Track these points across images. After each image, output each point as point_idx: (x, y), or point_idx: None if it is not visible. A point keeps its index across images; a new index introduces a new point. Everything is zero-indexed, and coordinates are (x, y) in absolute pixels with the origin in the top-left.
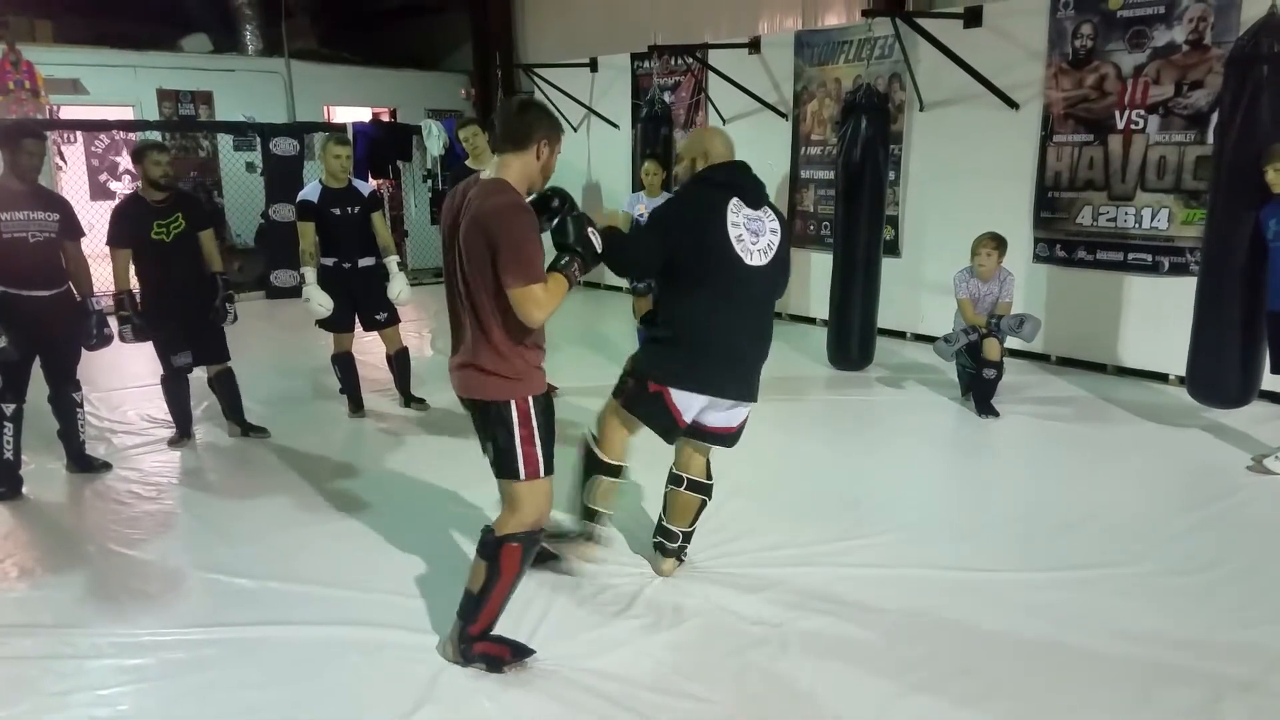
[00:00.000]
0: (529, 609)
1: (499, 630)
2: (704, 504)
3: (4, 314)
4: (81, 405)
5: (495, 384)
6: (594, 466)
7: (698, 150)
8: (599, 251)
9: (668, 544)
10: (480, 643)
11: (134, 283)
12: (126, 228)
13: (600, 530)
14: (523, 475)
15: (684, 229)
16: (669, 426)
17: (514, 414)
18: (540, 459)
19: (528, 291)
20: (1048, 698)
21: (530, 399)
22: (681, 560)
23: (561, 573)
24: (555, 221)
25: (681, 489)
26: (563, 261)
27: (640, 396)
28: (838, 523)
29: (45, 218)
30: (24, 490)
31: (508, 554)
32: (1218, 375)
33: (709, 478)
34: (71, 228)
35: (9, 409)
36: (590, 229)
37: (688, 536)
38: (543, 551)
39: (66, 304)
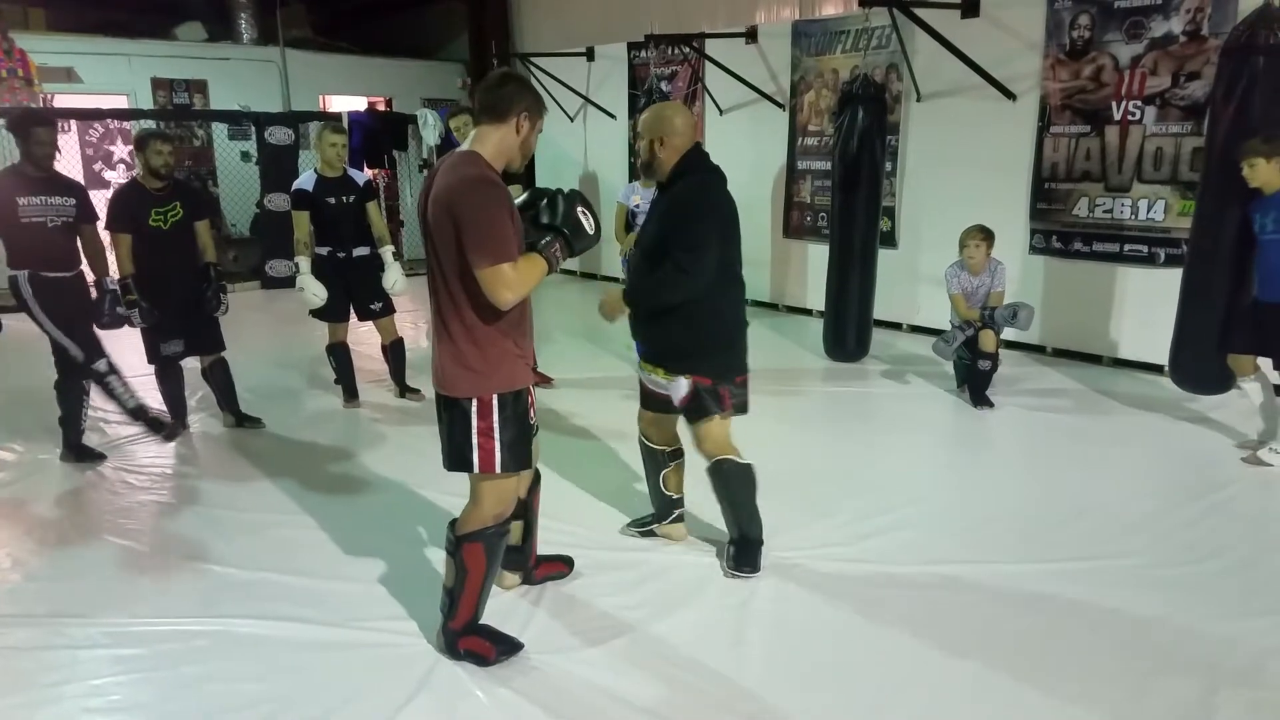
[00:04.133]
0: (520, 602)
1: (489, 621)
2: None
3: (39, 292)
4: (88, 393)
5: (462, 378)
6: (747, 475)
7: (674, 130)
8: (591, 233)
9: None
10: (466, 638)
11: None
12: (126, 213)
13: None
14: (476, 468)
15: (734, 222)
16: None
17: (474, 407)
18: (498, 453)
19: (496, 272)
20: (1045, 689)
21: (496, 397)
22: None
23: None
24: (543, 200)
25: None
26: (543, 241)
27: (741, 394)
28: (833, 513)
29: (63, 202)
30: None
31: (469, 552)
32: (1201, 361)
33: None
34: (88, 211)
35: (103, 365)
36: (581, 209)
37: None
38: (551, 567)
39: (80, 287)
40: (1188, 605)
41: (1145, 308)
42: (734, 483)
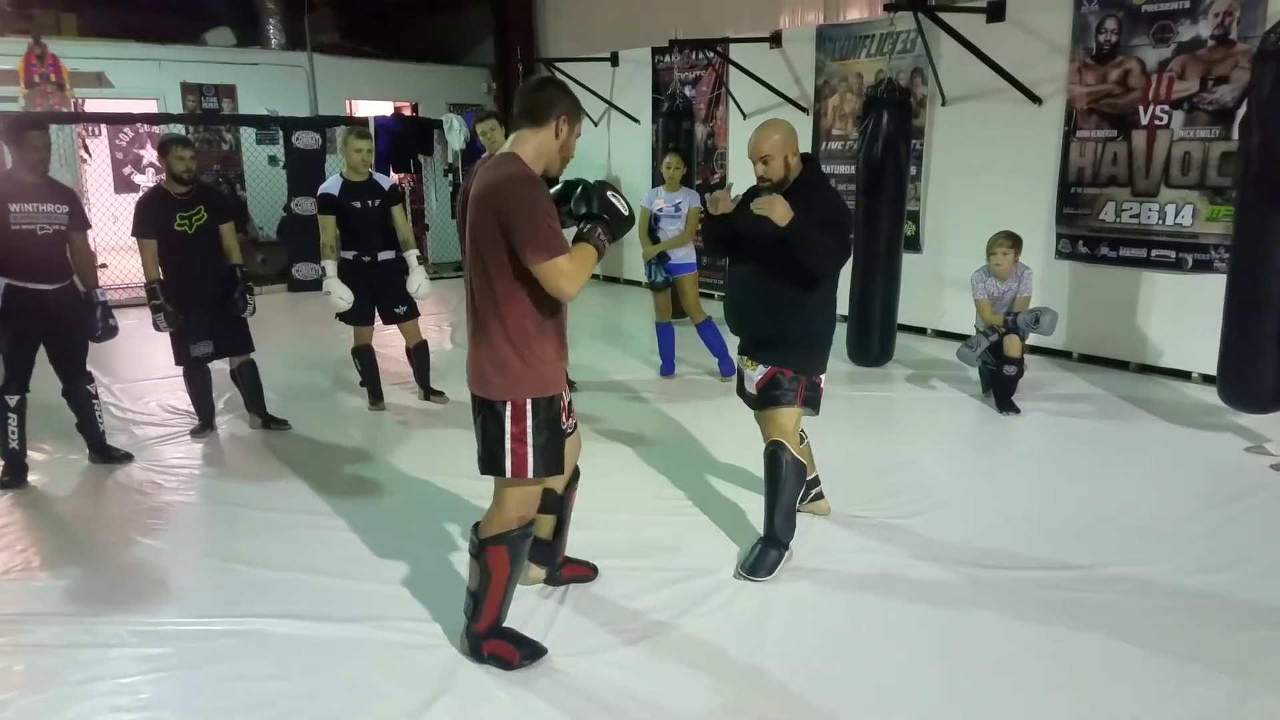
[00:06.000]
0: (545, 602)
1: (513, 618)
2: None
3: (8, 306)
4: (97, 396)
5: (497, 379)
6: (799, 472)
7: (795, 145)
8: (626, 215)
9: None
10: (490, 640)
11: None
12: (151, 219)
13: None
14: (508, 473)
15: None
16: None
17: (508, 411)
18: (531, 458)
19: (553, 265)
20: (1068, 696)
21: (530, 401)
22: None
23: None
24: (576, 191)
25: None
26: (586, 229)
27: (814, 394)
28: (854, 518)
29: (55, 210)
30: (30, 480)
31: (493, 555)
32: (1252, 379)
33: None
34: (79, 220)
35: (13, 400)
36: (611, 192)
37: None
38: (576, 569)
39: (72, 297)
40: (1212, 614)
41: (1172, 313)
42: (783, 472)
